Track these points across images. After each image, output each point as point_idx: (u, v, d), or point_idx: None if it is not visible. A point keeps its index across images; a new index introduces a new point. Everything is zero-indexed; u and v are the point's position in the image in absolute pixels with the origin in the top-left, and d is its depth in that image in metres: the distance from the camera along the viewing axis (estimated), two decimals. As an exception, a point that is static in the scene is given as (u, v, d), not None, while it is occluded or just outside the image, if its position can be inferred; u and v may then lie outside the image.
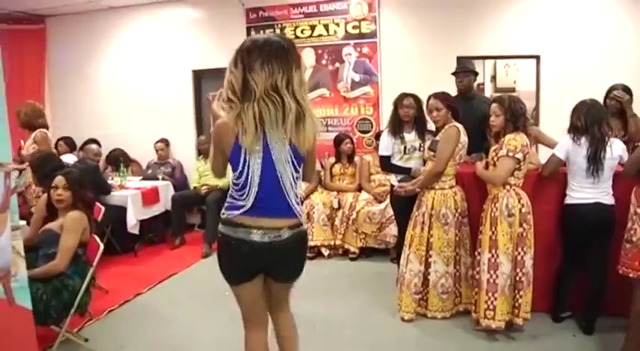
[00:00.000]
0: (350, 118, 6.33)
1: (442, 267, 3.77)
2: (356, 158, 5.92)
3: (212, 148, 2.22)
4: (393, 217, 5.09)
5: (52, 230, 3.30)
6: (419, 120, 4.22)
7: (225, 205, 2.23)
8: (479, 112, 4.25)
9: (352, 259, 5.41)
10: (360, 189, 5.73)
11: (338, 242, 5.47)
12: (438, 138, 3.79)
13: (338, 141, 5.91)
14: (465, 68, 4.78)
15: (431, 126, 4.12)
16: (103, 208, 4.48)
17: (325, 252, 5.49)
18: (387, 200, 5.21)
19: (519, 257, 3.44)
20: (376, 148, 5.62)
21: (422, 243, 3.79)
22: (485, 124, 3.82)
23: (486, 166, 3.65)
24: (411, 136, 4.21)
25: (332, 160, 5.99)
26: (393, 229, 5.12)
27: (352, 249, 5.42)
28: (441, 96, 3.82)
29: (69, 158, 5.97)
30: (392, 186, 4.32)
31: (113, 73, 7.31)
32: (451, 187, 3.77)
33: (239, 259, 2.20)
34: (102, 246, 3.34)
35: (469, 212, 3.83)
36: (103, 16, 7.20)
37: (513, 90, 6.72)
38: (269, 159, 2.11)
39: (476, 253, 3.66)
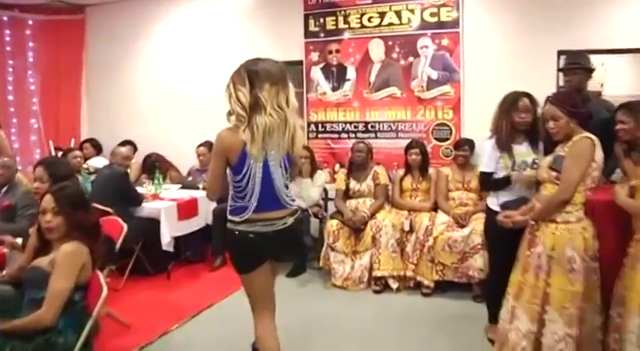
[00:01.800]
0: (425, 123, 5.36)
1: (562, 328, 2.74)
2: (431, 171, 4.96)
3: (213, 159, 2.55)
4: (479, 246, 4.21)
5: (40, 268, 2.46)
6: (533, 127, 3.23)
7: (229, 209, 2.55)
8: (598, 119, 3.27)
9: (425, 295, 4.43)
10: (436, 208, 4.75)
11: (409, 273, 4.50)
12: (562, 153, 2.80)
13: (405, 149, 5.00)
14: (573, 64, 3.88)
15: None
16: (125, 227, 3.68)
17: (393, 285, 4.55)
18: (471, 225, 4.29)
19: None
20: (455, 159, 4.82)
21: (536, 294, 2.79)
22: (607, 135, 2.94)
23: (631, 194, 2.65)
24: (522, 149, 3.22)
25: (401, 172, 5.04)
26: (478, 261, 4.20)
27: (426, 282, 4.44)
28: (561, 98, 2.89)
29: (99, 162, 5.30)
30: (489, 210, 3.37)
31: (155, 68, 6.70)
32: (579, 221, 2.76)
33: (247, 248, 2.55)
34: (105, 290, 2.46)
35: (600, 254, 2.81)
36: (145, 4, 6.64)
37: (600, 94, 5.62)
38: (267, 165, 2.48)
39: (612, 312, 2.66)
